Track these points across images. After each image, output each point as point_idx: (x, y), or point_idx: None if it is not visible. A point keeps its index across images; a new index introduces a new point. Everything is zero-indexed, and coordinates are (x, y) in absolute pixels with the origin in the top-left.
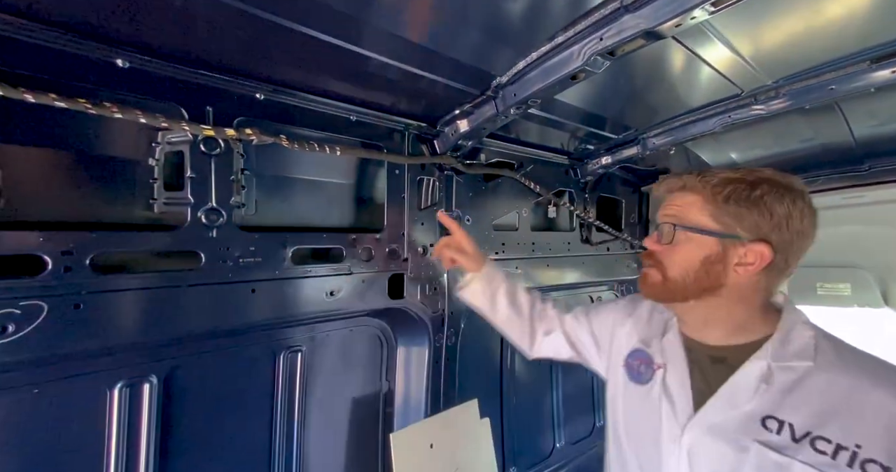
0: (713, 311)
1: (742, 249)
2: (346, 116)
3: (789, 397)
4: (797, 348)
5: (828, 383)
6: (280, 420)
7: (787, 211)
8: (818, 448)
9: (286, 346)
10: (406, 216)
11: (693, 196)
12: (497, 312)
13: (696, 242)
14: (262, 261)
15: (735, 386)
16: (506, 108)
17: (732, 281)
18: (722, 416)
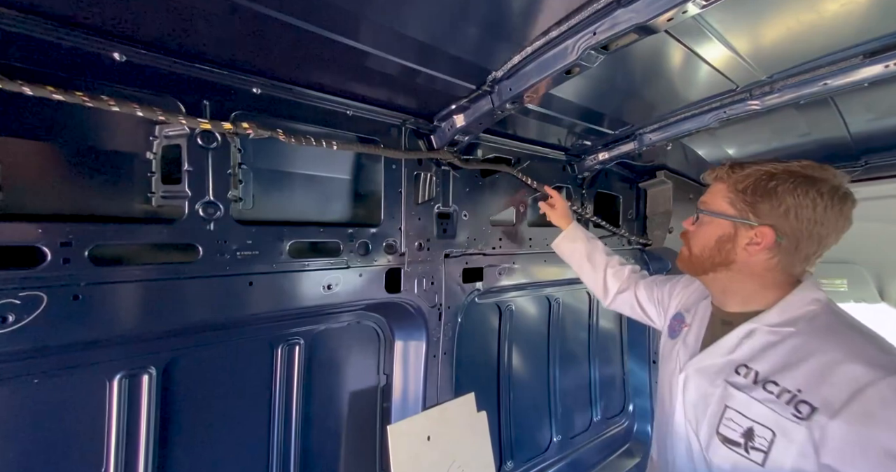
0: (728, 283)
1: (751, 231)
2: (343, 111)
3: (764, 352)
4: (789, 318)
5: (800, 345)
6: (278, 412)
7: (798, 201)
8: (768, 389)
9: (284, 339)
10: (403, 211)
11: (721, 185)
12: (574, 263)
13: (714, 223)
14: (259, 254)
15: (724, 341)
16: (501, 102)
17: (742, 259)
18: (709, 362)
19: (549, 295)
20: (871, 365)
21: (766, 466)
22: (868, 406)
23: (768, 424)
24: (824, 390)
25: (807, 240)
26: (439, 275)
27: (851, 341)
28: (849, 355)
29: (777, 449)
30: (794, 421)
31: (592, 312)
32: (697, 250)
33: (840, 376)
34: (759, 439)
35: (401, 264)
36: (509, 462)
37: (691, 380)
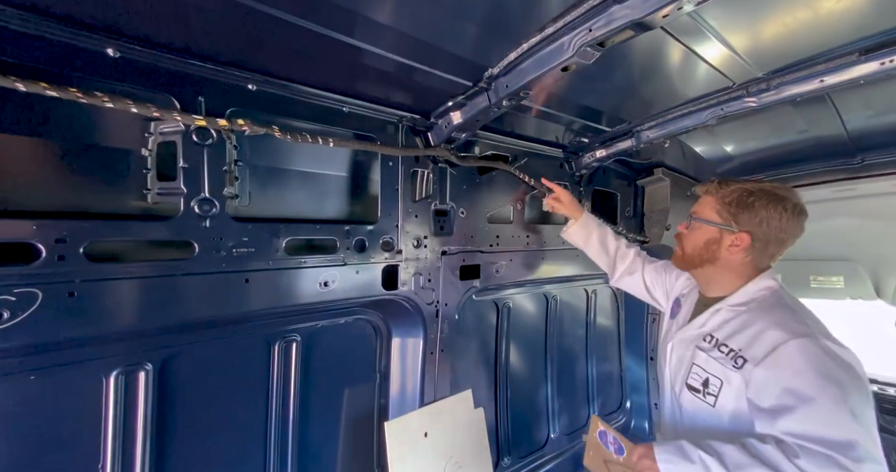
0: (712, 275)
1: (733, 236)
2: (339, 108)
3: (724, 325)
4: (745, 300)
5: (747, 319)
6: (275, 408)
7: (769, 214)
8: (721, 350)
9: (281, 335)
10: (400, 208)
11: (710, 198)
12: (589, 249)
13: (703, 229)
14: (255, 251)
15: (699, 318)
16: (498, 99)
17: (724, 257)
18: (688, 334)
19: (546, 292)
20: (786, 331)
21: (716, 406)
22: (778, 358)
23: (718, 375)
24: (754, 349)
25: (773, 243)
26: (436, 272)
27: (779, 315)
28: (773, 324)
29: (723, 393)
30: (733, 370)
31: (590, 309)
32: (689, 250)
33: (765, 338)
34: (713, 386)
35: (398, 261)
36: (507, 458)
37: (675, 348)
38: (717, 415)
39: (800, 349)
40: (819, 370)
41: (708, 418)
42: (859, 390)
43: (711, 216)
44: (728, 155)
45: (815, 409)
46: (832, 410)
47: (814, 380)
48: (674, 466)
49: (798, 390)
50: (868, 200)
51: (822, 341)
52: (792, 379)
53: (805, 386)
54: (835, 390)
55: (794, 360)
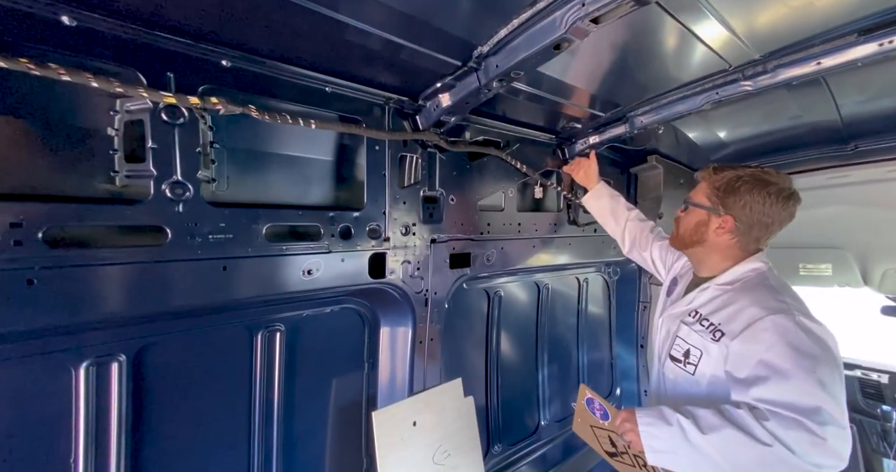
0: (701, 256)
1: (720, 219)
2: (322, 88)
3: (709, 302)
4: (732, 280)
5: (730, 297)
6: (259, 400)
7: (752, 198)
8: (702, 324)
9: (263, 325)
10: (387, 194)
11: (704, 183)
12: (600, 218)
13: (695, 212)
14: (233, 238)
15: (688, 296)
16: (488, 80)
17: (712, 239)
18: (677, 310)
19: (537, 281)
20: (763, 308)
21: (695, 374)
22: (754, 332)
23: (698, 346)
24: (733, 324)
25: (757, 226)
26: (426, 261)
27: (759, 294)
28: (753, 302)
29: (702, 363)
30: (712, 342)
31: (581, 297)
32: (682, 232)
33: (744, 314)
34: (693, 356)
35: (385, 249)
36: (497, 446)
37: (664, 322)
38: (696, 382)
39: (774, 325)
40: (791, 344)
41: (687, 385)
42: (829, 362)
43: (702, 200)
44: (722, 142)
45: (786, 379)
46: (802, 380)
47: (786, 353)
48: (654, 428)
49: (771, 363)
50: (860, 188)
51: (797, 317)
52: (766, 352)
53: (778, 359)
54: (805, 363)
55: (768, 334)
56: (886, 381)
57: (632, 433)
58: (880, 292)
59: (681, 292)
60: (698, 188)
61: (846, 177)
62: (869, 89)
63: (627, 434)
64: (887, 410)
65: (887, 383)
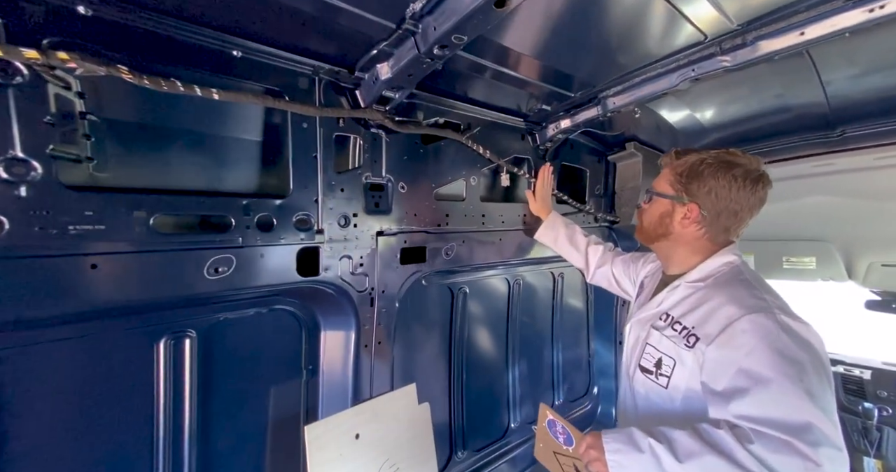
0: (668, 251)
1: (684, 208)
2: (227, 51)
3: (681, 302)
4: (703, 276)
5: (703, 295)
6: (164, 418)
7: (717, 183)
8: (674, 328)
9: (166, 331)
10: (320, 180)
11: (666, 169)
12: (560, 247)
13: (659, 202)
14: (105, 229)
15: (658, 297)
16: (428, 47)
17: (678, 230)
18: (646, 314)
19: (507, 276)
20: (740, 306)
21: (668, 388)
22: (731, 335)
23: (671, 354)
24: (707, 326)
25: (725, 214)
26: (370, 256)
27: (735, 290)
28: (729, 300)
29: (676, 374)
30: (686, 349)
31: (556, 293)
32: (646, 224)
33: (720, 314)
34: (665, 366)
35: (318, 242)
36: (461, 452)
37: (633, 328)
38: (670, 397)
39: (754, 326)
40: (774, 348)
41: (660, 400)
42: (817, 369)
43: (665, 188)
44: (704, 128)
45: (770, 390)
46: (787, 391)
47: (768, 359)
48: (622, 456)
49: (752, 371)
50: (845, 177)
51: (778, 316)
52: (745, 359)
53: (759, 366)
54: (790, 370)
55: (747, 337)
56: (869, 377)
57: (598, 462)
58: (864, 286)
59: (649, 293)
60: (661, 176)
61: (831, 165)
62: (857, 65)
63: (593, 464)
64: (869, 407)
65: (870, 379)
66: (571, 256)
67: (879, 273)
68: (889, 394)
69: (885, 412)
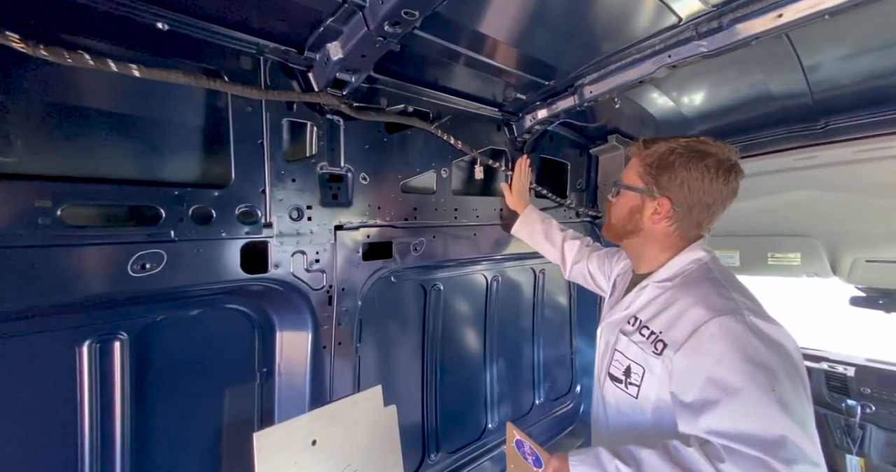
0: (638, 248)
1: (654, 202)
2: (150, 23)
3: (648, 304)
4: (671, 275)
5: (671, 296)
6: (90, 431)
7: (689, 174)
8: (642, 333)
9: (90, 334)
10: (267, 169)
11: (634, 160)
12: (535, 242)
13: (627, 196)
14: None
15: (626, 298)
16: (378, 23)
17: (648, 227)
18: (615, 317)
19: (485, 273)
20: (709, 308)
21: (638, 398)
22: (699, 341)
23: (640, 361)
24: (675, 330)
25: (697, 208)
26: (328, 251)
27: (703, 290)
28: (696, 301)
29: (645, 383)
30: (654, 357)
31: (537, 289)
32: (614, 220)
33: (687, 318)
34: (634, 375)
35: (267, 236)
36: (433, 455)
37: (603, 332)
38: (640, 408)
39: (722, 329)
40: (744, 354)
41: (630, 411)
42: (790, 374)
43: (634, 181)
44: (687, 120)
45: (741, 401)
46: (759, 401)
47: (738, 366)
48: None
49: (721, 380)
50: (829, 170)
51: (747, 317)
52: (714, 367)
53: (728, 374)
54: (761, 378)
55: (715, 342)
56: (853, 374)
57: None
58: (849, 282)
59: (620, 293)
60: (629, 167)
61: (814, 158)
62: (837, 50)
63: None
64: (852, 404)
65: (853, 376)
66: (547, 251)
67: (863, 269)
68: (872, 391)
69: (868, 409)
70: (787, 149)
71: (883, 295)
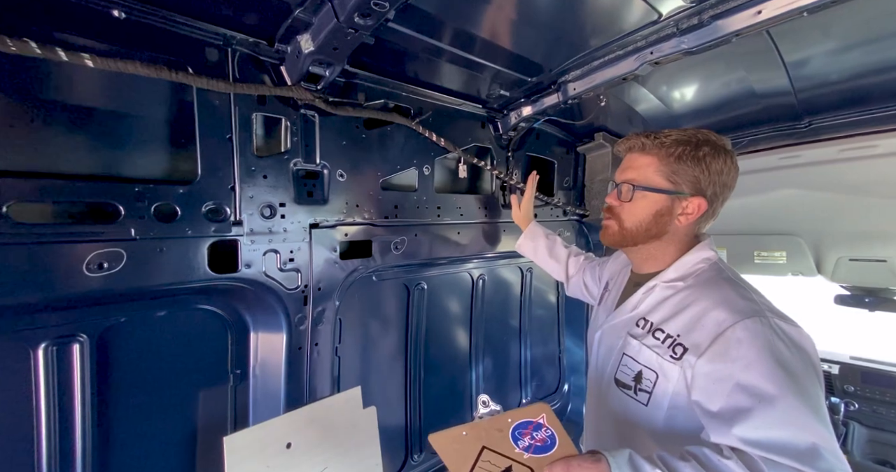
0: (653, 251)
1: (685, 202)
2: (104, 10)
3: (660, 305)
4: (682, 274)
5: (685, 297)
6: (49, 438)
7: (720, 167)
8: (656, 336)
9: (46, 337)
10: (236, 165)
11: (649, 158)
12: (539, 258)
13: (650, 198)
14: None
15: (631, 299)
16: (347, 14)
17: (673, 228)
18: (618, 319)
19: (470, 272)
20: (732, 311)
21: (649, 405)
22: (725, 346)
23: (653, 367)
24: (695, 334)
25: (720, 204)
26: (303, 249)
27: (722, 292)
28: (717, 303)
29: (658, 389)
30: (671, 362)
31: (525, 288)
32: (632, 225)
33: (708, 321)
34: (646, 381)
35: (236, 235)
36: (416, 455)
37: (604, 337)
38: (650, 416)
39: (749, 333)
40: (774, 359)
41: (639, 420)
42: (814, 380)
43: (657, 182)
44: (673, 118)
45: (775, 410)
46: (793, 409)
47: (769, 372)
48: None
49: (753, 387)
50: (813, 169)
51: (772, 320)
52: (744, 372)
53: (760, 381)
54: (793, 385)
55: (743, 347)
56: (836, 372)
57: None
58: (833, 281)
59: (616, 296)
60: (642, 165)
61: (798, 157)
62: (819, 47)
63: None
64: (836, 402)
65: (837, 373)
66: (551, 267)
67: (847, 268)
68: (856, 389)
69: (851, 406)
70: (773, 148)
71: (866, 294)
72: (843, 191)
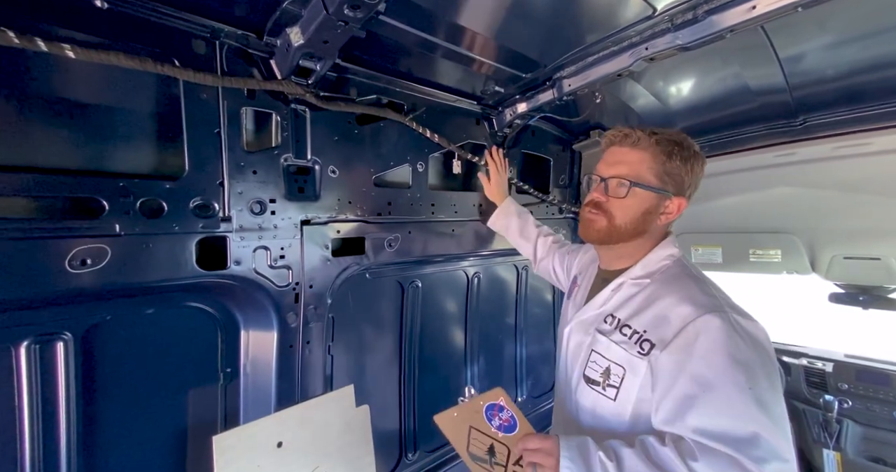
0: (629, 249)
1: (668, 201)
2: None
3: (627, 302)
4: (649, 271)
5: (651, 293)
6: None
7: (698, 170)
8: (623, 332)
9: (27, 334)
10: (225, 160)
11: (642, 154)
12: (510, 236)
13: (641, 196)
14: None
15: (599, 296)
16: (336, 6)
17: (653, 227)
18: (587, 315)
19: (465, 269)
20: (695, 305)
21: (616, 400)
22: (686, 339)
23: (621, 362)
24: (661, 329)
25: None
26: (293, 246)
27: (686, 287)
28: (682, 299)
29: (626, 385)
30: (638, 357)
31: (520, 286)
32: (621, 222)
33: (674, 316)
34: (614, 376)
35: (225, 231)
36: (411, 454)
37: (573, 333)
38: (619, 412)
39: (708, 328)
40: (727, 352)
41: (607, 415)
42: (768, 372)
43: (649, 179)
44: (669, 116)
45: (717, 398)
46: (735, 398)
47: (719, 363)
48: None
49: (701, 376)
50: (807, 167)
51: (731, 315)
52: (697, 363)
53: (709, 371)
54: (741, 376)
55: (700, 340)
56: (831, 370)
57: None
58: (827, 279)
59: (585, 292)
60: (636, 161)
61: (793, 155)
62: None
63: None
64: (829, 400)
65: (831, 371)
66: (521, 245)
67: (841, 266)
68: (850, 387)
69: (845, 403)
70: (767, 145)
71: (861, 292)
72: (837, 189)
